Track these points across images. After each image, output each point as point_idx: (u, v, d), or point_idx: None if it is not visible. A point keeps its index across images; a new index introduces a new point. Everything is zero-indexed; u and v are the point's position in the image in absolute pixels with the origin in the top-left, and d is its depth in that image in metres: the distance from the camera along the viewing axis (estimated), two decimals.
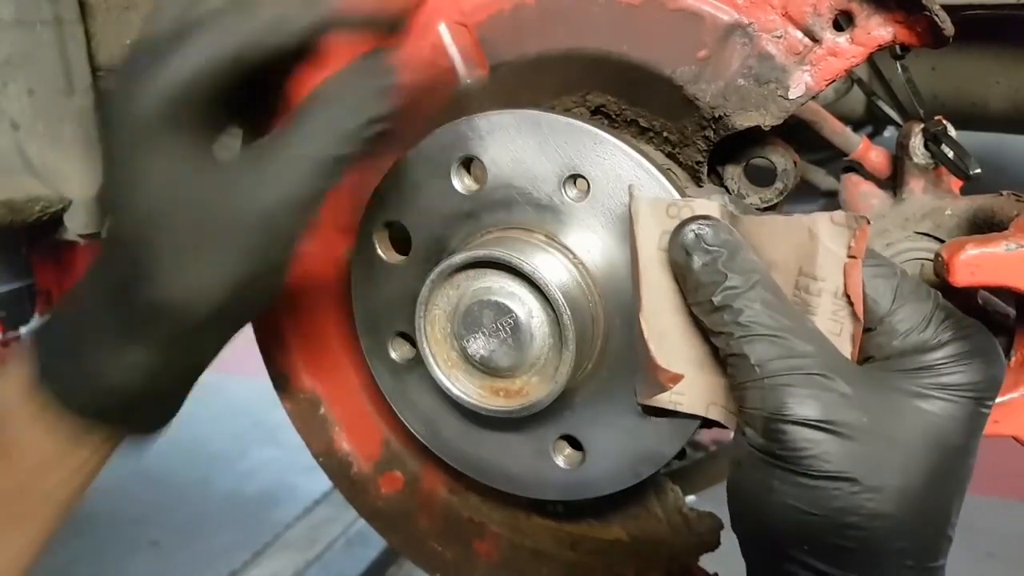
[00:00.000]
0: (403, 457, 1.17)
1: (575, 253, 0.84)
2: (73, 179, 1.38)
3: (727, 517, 1.11)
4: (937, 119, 0.96)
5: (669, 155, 0.91)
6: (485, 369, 0.85)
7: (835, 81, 0.81)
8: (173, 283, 0.65)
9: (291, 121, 0.68)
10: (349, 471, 1.19)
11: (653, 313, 0.77)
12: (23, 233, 1.41)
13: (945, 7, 0.74)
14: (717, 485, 1.31)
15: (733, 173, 0.89)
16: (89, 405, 0.70)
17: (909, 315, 0.67)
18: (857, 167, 1.07)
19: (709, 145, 0.86)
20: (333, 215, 1.07)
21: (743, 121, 0.82)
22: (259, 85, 0.70)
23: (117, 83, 0.66)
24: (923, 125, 0.97)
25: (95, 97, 1.37)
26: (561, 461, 0.93)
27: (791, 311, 0.68)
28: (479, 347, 0.84)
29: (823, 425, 0.62)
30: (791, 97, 0.80)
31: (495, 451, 0.96)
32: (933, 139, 0.96)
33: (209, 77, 0.64)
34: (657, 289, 0.76)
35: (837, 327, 0.70)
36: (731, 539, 1.12)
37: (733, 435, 0.72)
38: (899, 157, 1.00)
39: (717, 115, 0.83)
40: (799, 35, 0.80)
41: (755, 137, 0.86)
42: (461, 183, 0.89)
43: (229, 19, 0.64)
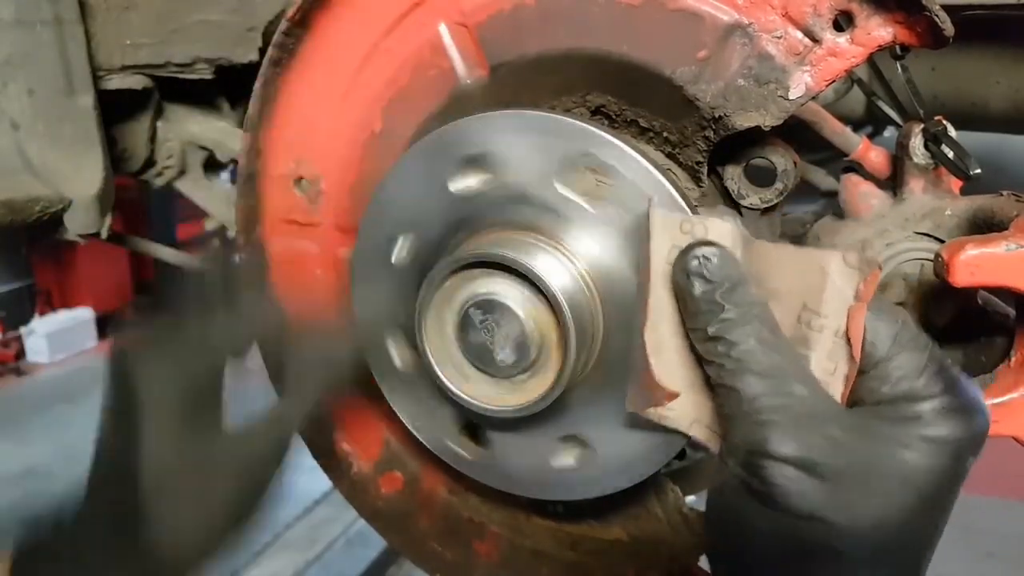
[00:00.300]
0: (403, 457, 1.17)
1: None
2: (73, 179, 1.38)
3: None
4: (937, 119, 0.96)
5: (669, 155, 0.91)
6: (485, 369, 0.85)
7: (835, 81, 0.81)
8: None
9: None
10: (349, 471, 1.19)
11: (654, 326, 0.76)
12: (23, 233, 1.41)
13: (945, 7, 0.74)
14: None
15: (733, 173, 0.89)
16: None
17: (904, 363, 0.67)
18: (857, 167, 1.07)
19: (709, 145, 0.86)
20: (333, 215, 1.08)
21: (743, 121, 0.82)
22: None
23: None
24: (923, 125, 0.97)
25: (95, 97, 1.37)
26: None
27: (786, 349, 0.69)
28: (480, 347, 0.84)
29: (803, 465, 0.63)
30: (791, 97, 0.80)
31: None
32: (933, 139, 0.96)
33: None
34: (661, 303, 0.76)
35: (832, 366, 0.70)
36: None
37: (718, 457, 0.73)
38: (899, 157, 1.00)
39: (717, 115, 0.83)
40: (799, 35, 0.80)
41: (755, 137, 0.86)
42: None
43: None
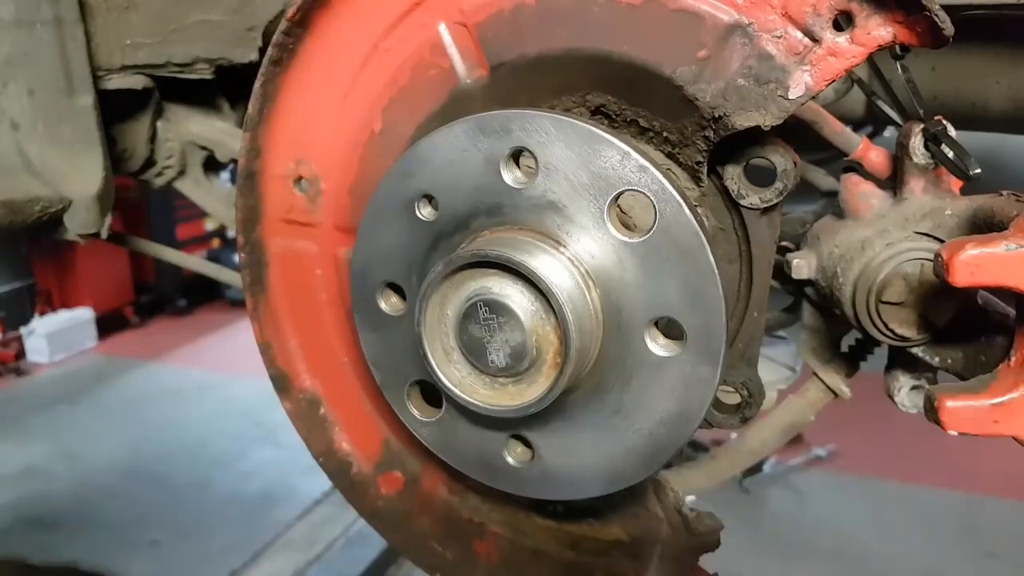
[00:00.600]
0: (403, 457, 1.17)
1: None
2: (73, 179, 1.38)
3: (727, 517, 1.12)
4: (937, 119, 0.96)
5: (669, 155, 0.91)
6: (473, 362, 0.85)
7: (835, 81, 0.81)
8: None
9: None
10: (349, 471, 1.19)
11: None
12: (23, 233, 1.41)
13: (945, 7, 0.74)
14: (717, 485, 1.31)
15: (733, 173, 0.89)
16: None
17: None
18: (857, 167, 1.07)
19: (709, 145, 0.86)
20: (333, 214, 1.08)
21: (743, 121, 0.82)
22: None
23: None
24: (923, 125, 0.97)
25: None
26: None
27: None
28: (475, 340, 0.83)
29: None
30: (791, 97, 0.80)
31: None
32: (933, 139, 0.96)
33: None
34: None
35: None
36: (731, 539, 1.13)
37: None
38: (899, 157, 1.00)
39: (717, 115, 0.83)
40: (799, 35, 0.80)
41: (755, 137, 0.86)
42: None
43: None
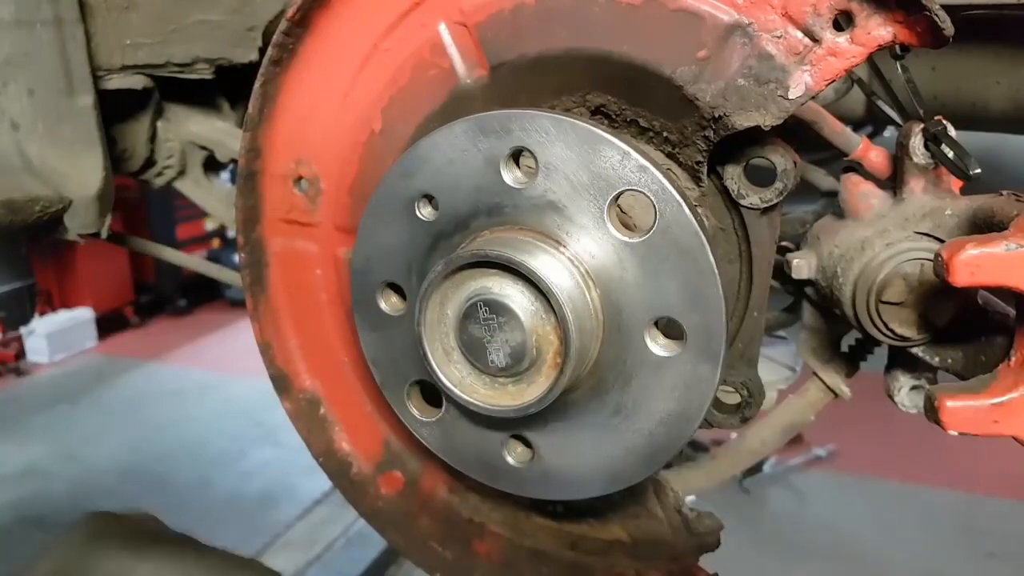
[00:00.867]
0: (403, 457, 1.17)
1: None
2: (73, 179, 1.38)
3: (727, 517, 1.12)
4: (937, 119, 0.96)
5: (669, 155, 0.91)
6: (473, 361, 0.85)
7: (835, 81, 0.81)
8: None
9: None
10: (349, 471, 1.19)
11: None
12: (23, 233, 1.41)
13: (945, 7, 0.74)
14: (717, 485, 1.31)
15: (733, 173, 0.89)
16: None
17: None
18: (857, 167, 1.07)
19: (709, 145, 0.86)
20: (333, 214, 1.08)
21: (743, 121, 0.82)
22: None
23: None
24: (923, 125, 0.97)
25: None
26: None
27: None
28: (475, 340, 0.83)
29: None
30: (791, 97, 0.80)
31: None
32: (933, 139, 0.96)
33: None
34: None
35: None
36: (731, 539, 1.13)
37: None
38: (899, 157, 1.00)
39: (717, 115, 0.83)
40: (799, 35, 0.80)
41: (755, 137, 0.86)
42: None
43: None
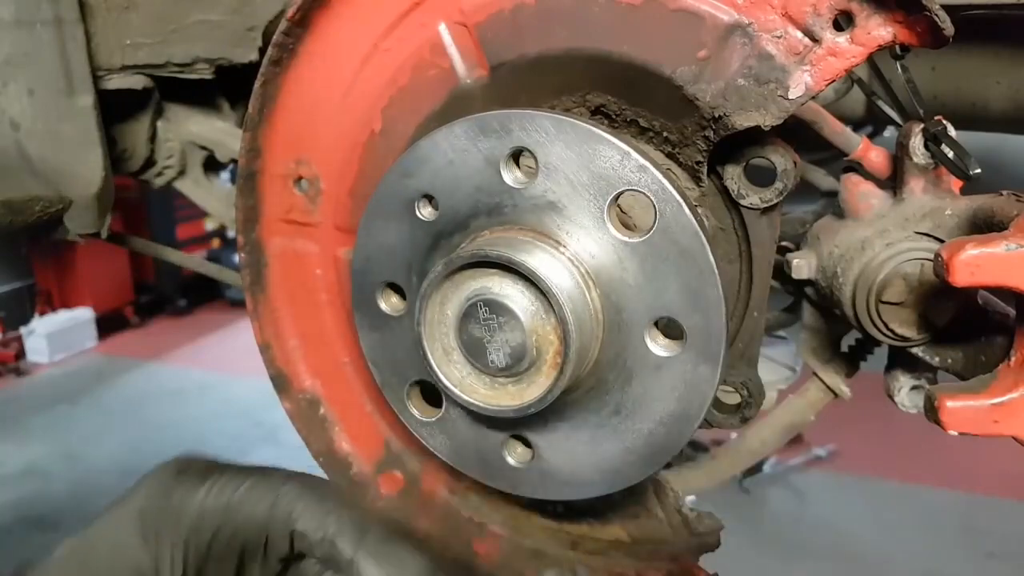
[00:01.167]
0: (403, 457, 1.17)
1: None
2: (73, 179, 1.38)
3: (727, 517, 1.12)
4: (937, 119, 0.96)
5: (669, 155, 0.91)
6: (485, 369, 0.85)
7: (835, 81, 0.81)
8: None
9: None
10: (349, 471, 1.19)
11: None
12: (23, 233, 1.41)
13: (945, 7, 0.74)
14: (717, 485, 1.31)
15: (733, 173, 0.89)
16: None
17: None
18: (857, 167, 1.07)
19: (709, 145, 0.86)
20: (333, 214, 1.08)
21: (743, 121, 0.82)
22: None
23: None
24: (923, 125, 0.97)
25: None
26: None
27: None
28: (475, 340, 0.83)
29: None
30: (791, 97, 0.80)
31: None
32: (933, 139, 0.96)
33: None
34: None
35: None
36: (731, 539, 1.13)
37: None
38: (899, 157, 1.00)
39: (717, 115, 0.83)
40: (799, 35, 0.80)
41: (755, 137, 0.86)
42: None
43: None
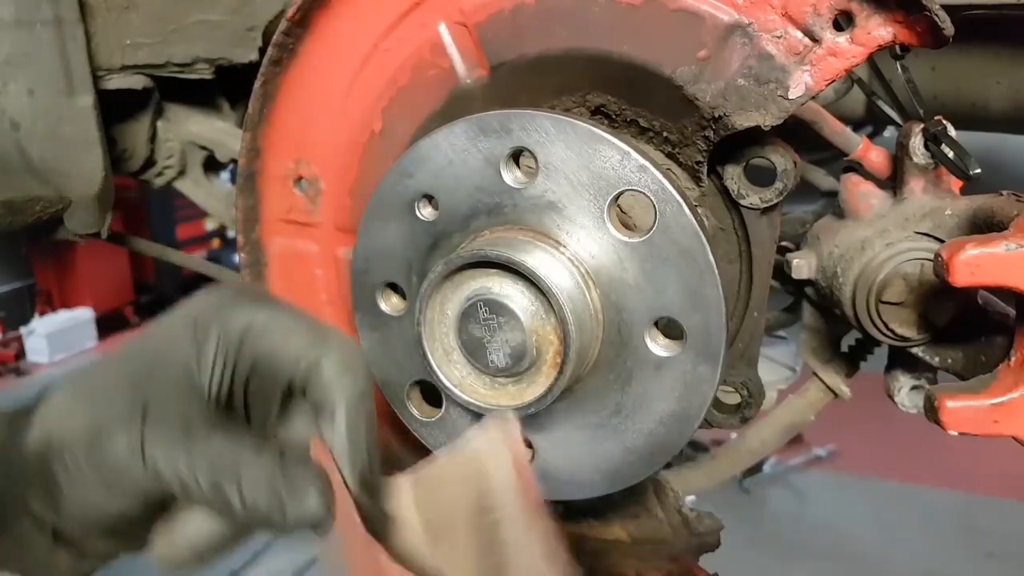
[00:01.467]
0: (403, 457, 1.17)
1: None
2: (73, 179, 1.38)
3: (727, 517, 1.12)
4: (937, 119, 0.96)
5: (669, 155, 0.91)
6: (485, 369, 0.85)
7: (835, 81, 0.81)
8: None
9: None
10: None
11: None
12: (23, 233, 1.41)
13: (945, 7, 0.74)
14: (717, 485, 1.31)
15: (733, 173, 0.89)
16: None
17: None
18: (857, 167, 1.07)
19: (709, 145, 0.86)
20: (333, 214, 1.08)
21: (743, 121, 0.82)
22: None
23: None
24: (923, 125, 0.97)
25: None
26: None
27: None
28: (475, 340, 0.83)
29: None
30: (791, 97, 0.80)
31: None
32: (933, 139, 0.96)
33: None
34: None
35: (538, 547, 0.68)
36: (731, 539, 1.13)
37: None
38: (899, 157, 1.00)
39: (717, 115, 0.83)
40: (799, 35, 0.80)
41: (755, 137, 0.86)
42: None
43: None
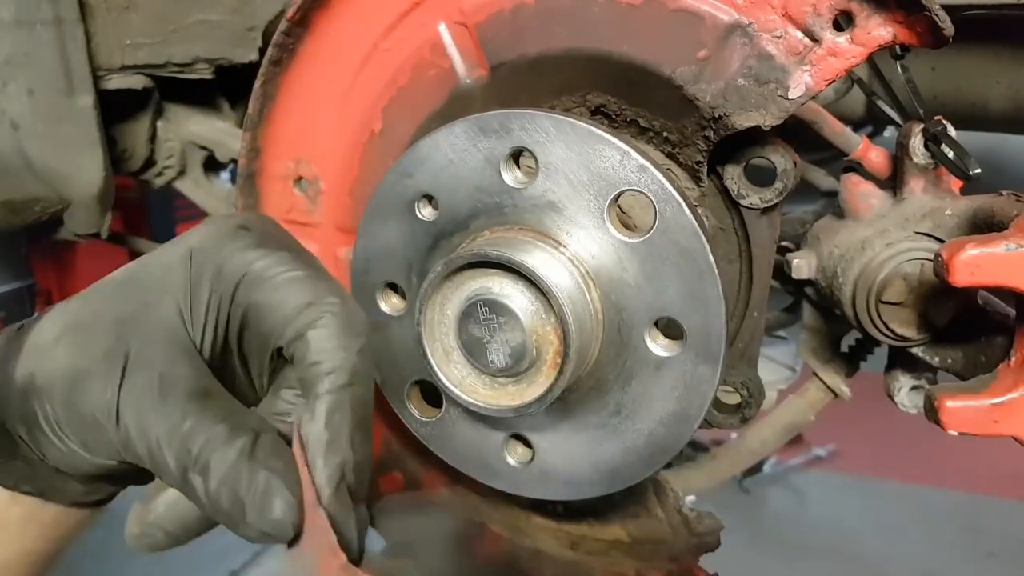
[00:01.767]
0: (403, 457, 1.17)
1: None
2: (73, 179, 1.38)
3: (727, 517, 1.12)
4: (937, 119, 0.96)
5: (669, 155, 0.91)
6: (485, 369, 0.85)
7: (835, 81, 0.81)
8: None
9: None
10: None
11: None
12: (23, 233, 1.41)
13: (945, 7, 0.74)
14: (717, 485, 1.31)
15: (733, 173, 0.89)
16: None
17: None
18: (857, 167, 1.07)
19: (709, 145, 0.86)
20: (333, 215, 1.08)
21: (743, 121, 0.82)
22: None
23: None
24: (923, 125, 0.97)
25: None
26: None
27: None
28: (475, 340, 0.83)
29: None
30: (791, 97, 0.80)
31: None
32: (933, 139, 0.96)
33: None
34: None
35: None
36: (731, 539, 1.13)
37: None
38: (899, 157, 1.00)
39: (717, 115, 0.83)
40: (799, 35, 0.80)
41: (755, 137, 0.86)
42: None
43: None
